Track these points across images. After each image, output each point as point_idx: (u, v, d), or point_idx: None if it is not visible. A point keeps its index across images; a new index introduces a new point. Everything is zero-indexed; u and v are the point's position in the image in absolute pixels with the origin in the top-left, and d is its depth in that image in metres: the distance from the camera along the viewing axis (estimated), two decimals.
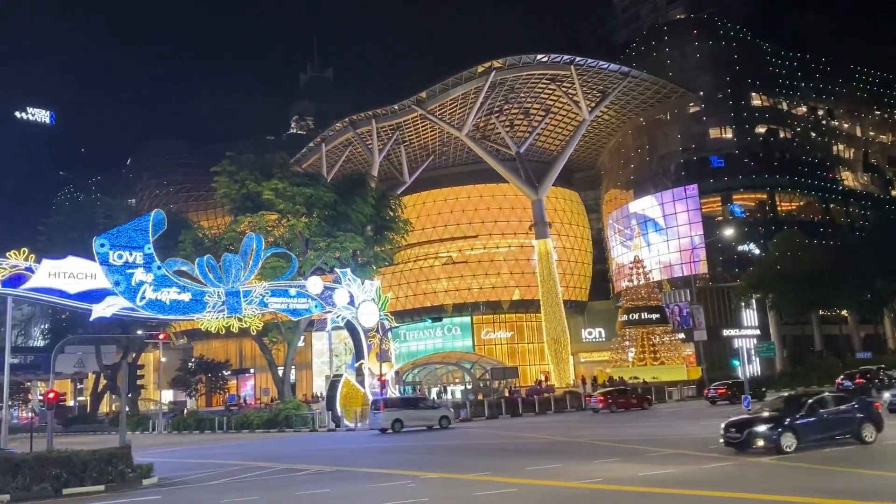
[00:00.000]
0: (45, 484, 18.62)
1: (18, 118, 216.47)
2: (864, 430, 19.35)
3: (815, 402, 19.63)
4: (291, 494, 16.72)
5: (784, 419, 18.94)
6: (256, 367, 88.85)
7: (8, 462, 18.64)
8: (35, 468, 18.66)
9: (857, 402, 20.23)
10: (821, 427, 19.13)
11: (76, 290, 30.65)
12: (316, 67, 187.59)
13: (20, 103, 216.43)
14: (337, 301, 40.46)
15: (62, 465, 18.94)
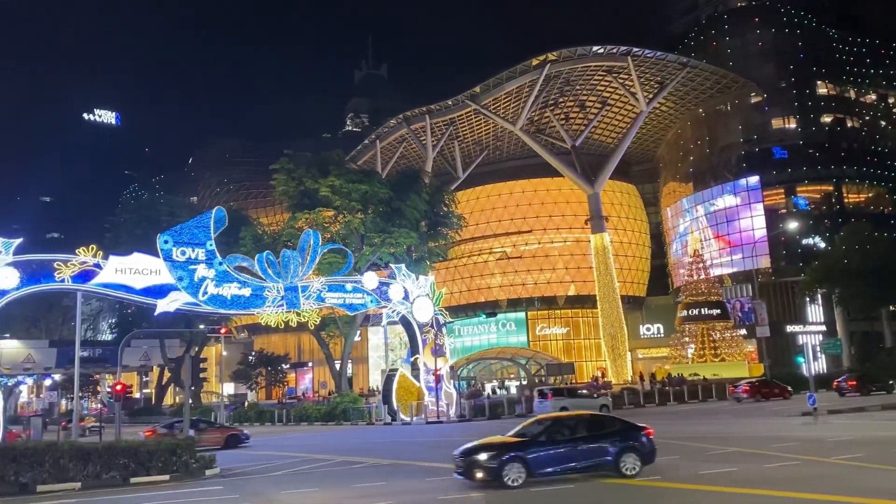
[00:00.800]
0: (113, 473, 19.31)
1: (86, 120, 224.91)
2: (624, 461, 15.87)
3: (554, 425, 16.54)
4: (349, 486, 16.92)
5: (512, 447, 15.89)
6: (314, 360, 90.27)
7: (79, 451, 19.37)
8: (104, 457, 19.36)
9: (620, 427, 16.82)
10: (563, 457, 15.83)
11: (141, 285, 31.53)
12: (370, 65, 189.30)
13: (88, 105, 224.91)
14: (392, 296, 40.74)
15: (130, 454, 19.59)
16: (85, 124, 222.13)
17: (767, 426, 27.27)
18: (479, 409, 42.76)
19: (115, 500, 16.78)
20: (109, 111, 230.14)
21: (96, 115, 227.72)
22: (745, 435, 24.05)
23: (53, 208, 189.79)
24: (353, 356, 72.91)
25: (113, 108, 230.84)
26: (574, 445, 16.08)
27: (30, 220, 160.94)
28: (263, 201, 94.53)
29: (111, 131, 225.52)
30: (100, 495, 17.63)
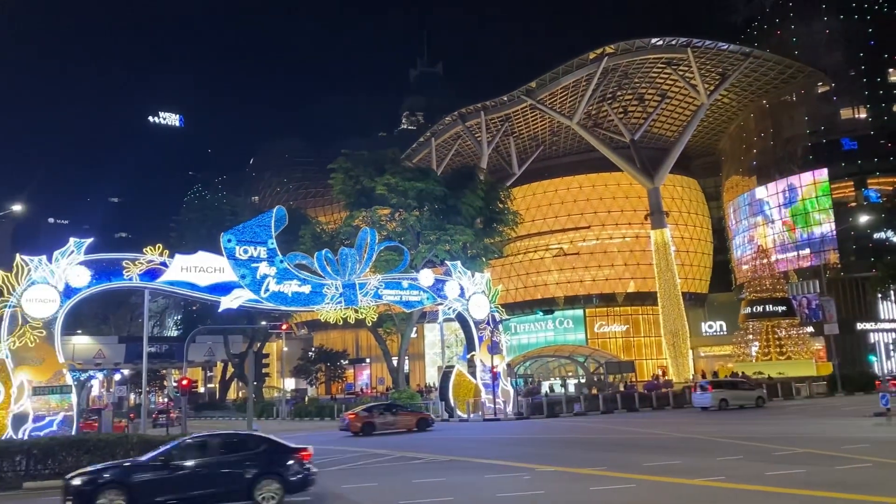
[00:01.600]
0: None
1: (152, 122, 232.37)
2: (260, 489, 13.87)
3: (179, 446, 14.57)
4: (408, 482, 17.06)
5: (114, 469, 14.04)
6: (372, 356, 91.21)
7: (147, 443, 20.02)
8: None
9: (265, 448, 14.73)
10: (182, 483, 13.76)
11: (206, 283, 32.37)
12: (425, 63, 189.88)
13: (153, 108, 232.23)
14: (448, 293, 40.83)
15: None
16: (150, 127, 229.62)
17: (837, 427, 26.38)
18: (537, 407, 42.51)
19: None
20: (174, 114, 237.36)
21: (161, 118, 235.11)
22: (813, 436, 23.30)
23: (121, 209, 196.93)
24: (410, 353, 73.40)
25: (177, 111, 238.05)
26: (200, 470, 13.98)
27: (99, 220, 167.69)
28: (322, 200, 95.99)
29: (175, 133, 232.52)
30: None
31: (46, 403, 27.07)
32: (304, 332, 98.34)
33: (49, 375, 27.50)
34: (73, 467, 19.15)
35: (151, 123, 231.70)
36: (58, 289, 28.46)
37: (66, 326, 30.98)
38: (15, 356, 27.12)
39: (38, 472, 19.05)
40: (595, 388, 55.65)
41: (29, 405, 26.70)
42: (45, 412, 26.91)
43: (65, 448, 19.38)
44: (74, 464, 19.19)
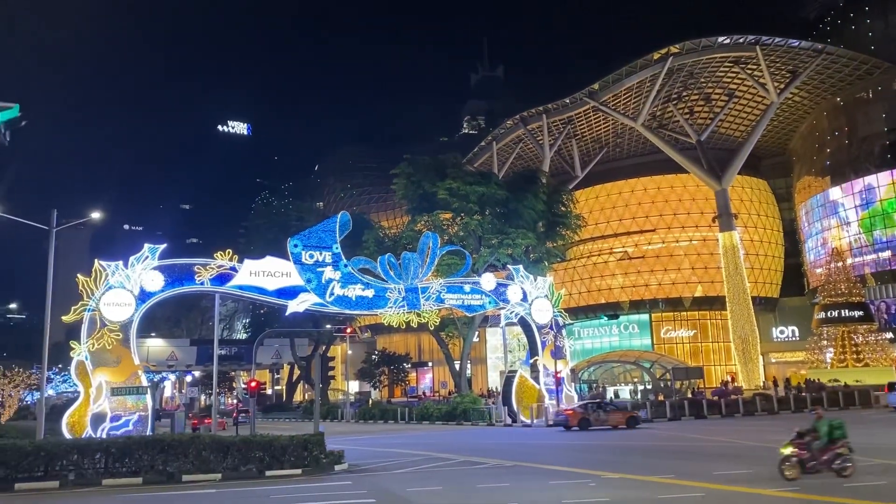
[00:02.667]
0: (250, 465, 20.40)
1: (221, 131, 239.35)
2: None
3: None
4: (472, 486, 17.04)
5: None
6: (434, 360, 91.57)
7: (219, 444, 20.58)
8: (242, 450, 20.49)
9: None
10: None
11: (273, 287, 33.10)
12: (486, 67, 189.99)
13: (222, 118, 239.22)
14: (510, 297, 40.67)
15: (265, 448, 20.63)
16: (220, 136, 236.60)
17: None
18: None
19: (254, 492, 17.66)
20: (242, 122, 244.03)
21: (230, 127, 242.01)
22: (892, 446, 22.25)
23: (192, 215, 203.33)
24: (472, 357, 73.35)
25: (245, 120, 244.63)
26: None
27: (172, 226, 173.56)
28: (384, 205, 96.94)
29: (243, 142, 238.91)
30: (239, 486, 18.65)
31: (123, 403, 28.12)
32: (367, 336, 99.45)
33: (125, 377, 28.56)
34: (148, 466, 19.89)
35: (221, 132, 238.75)
36: (133, 293, 29.55)
37: (141, 329, 32.09)
38: (93, 358, 28.27)
39: (116, 469, 19.80)
40: (661, 395, 54.51)
41: (107, 405, 27.79)
42: (121, 412, 27.96)
43: (141, 447, 20.08)
44: (150, 462, 19.90)
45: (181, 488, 18.66)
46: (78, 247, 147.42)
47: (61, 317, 30.49)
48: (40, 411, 30.36)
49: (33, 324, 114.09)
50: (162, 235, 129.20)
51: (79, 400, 28.35)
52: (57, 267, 28.30)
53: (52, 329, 28.10)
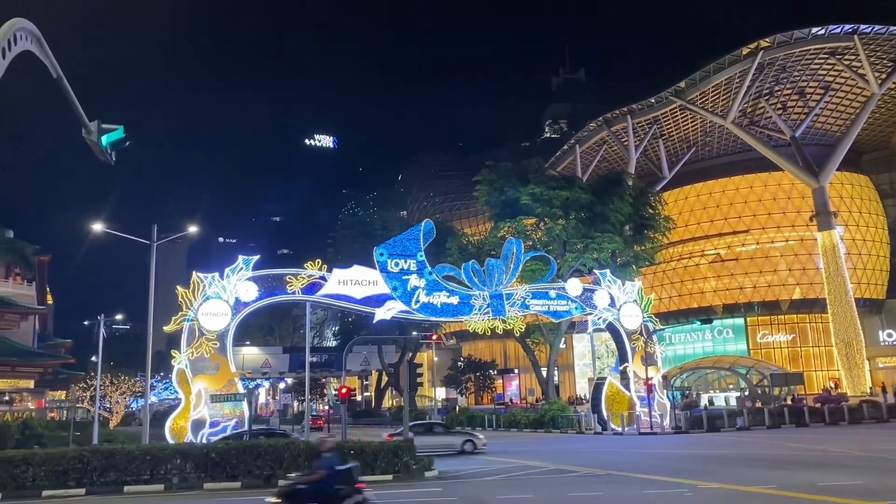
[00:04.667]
0: None
1: (307, 145, 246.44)
2: None
3: None
4: (564, 495, 16.77)
5: None
6: (520, 367, 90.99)
7: (312, 449, 21.01)
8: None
9: None
10: None
11: (360, 295, 33.68)
12: (567, 70, 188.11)
13: (309, 132, 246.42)
14: (597, 303, 39.95)
15: (357, 454, 20.94)
16: (307, 149, 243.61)
17: None
18: (697, 421, 40.44)
19: None
20: (327, 136, 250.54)
21: (316, 141, 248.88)
22: None
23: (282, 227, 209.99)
24: (559, 364, 72.55)
25: (330, 133, 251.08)
26: None
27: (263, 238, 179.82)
28: (467, 212, 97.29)
29: (329, 154, 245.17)
30: None
31: (221, 410, 29.19)
32: (452, 343, 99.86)
33: (223, 384, 29.63)
34: (245, 470, 20.52)
35: (307, 146, 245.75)
36: (229, 303, 30.65)
37: (237, 338, 33.25)
38: (193, 366, 29.47)
39: (216, 473, 20.52)
40: (759, 402, 52.31)
41: (206, 411, 28.91)
42: (219, 418, 29.02)
43: (239, 452, 20.75)
44: (247, 467, 20.53)
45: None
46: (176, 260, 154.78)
47: (163, 327, 32.02)
48: (145, 417, 31.92)
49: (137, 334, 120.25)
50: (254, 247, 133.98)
51: (180, 406, 29.59)
52: (157, 279, 29.68)
53: (154, 338, 29.50)
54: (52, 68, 9.26)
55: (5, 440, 29.93)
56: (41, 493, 19.03)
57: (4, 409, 54.62)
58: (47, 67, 9.21)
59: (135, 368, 67.13)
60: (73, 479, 19.52)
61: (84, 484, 19.51)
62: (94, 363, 53.31)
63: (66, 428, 39.45)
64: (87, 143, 10.75)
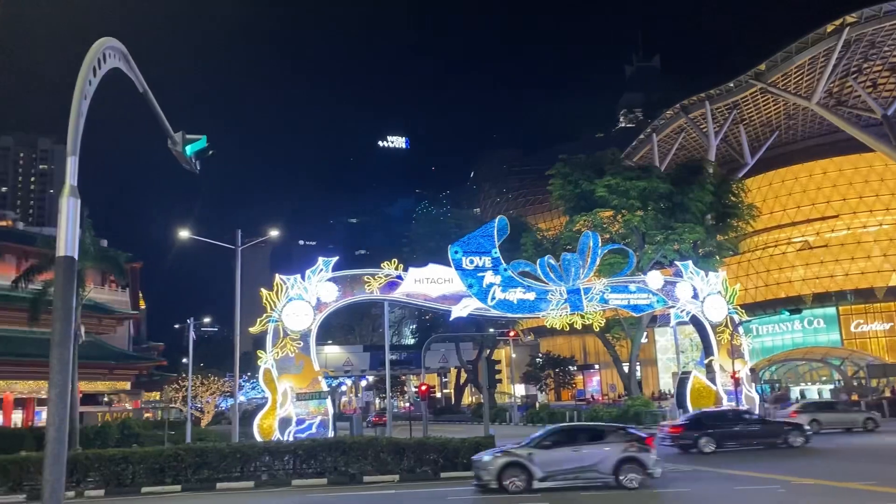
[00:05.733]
0: (425, 467, 20.95)
1: (381, 147, 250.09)
2: None
3: None
4: (648, 492, 16.43)
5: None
6: (601, 363, 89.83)
7: (395, 446, 21.33)
8: (417, 452, 21.10)
9: None
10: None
11: (436, 293, 33.84)
12: (641, 58, 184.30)
13: (382, 134, 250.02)
14: (679, 295, 38.88)
15: (438, 450, 21.12)
16: (380, 151, 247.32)
17: None
18: None
19: (432, 493, 18.09)
20: (400, 137, 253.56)
21: (389, 142, 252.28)
22: None
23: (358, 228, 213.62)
24: (641, 358, 71.12)
25: (402, 134, 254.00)
26: None
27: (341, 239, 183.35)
28: (540, 207, 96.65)
29: (402, 155, 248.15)
30: (416, 487, 19.19)
31: (306, 408, 29.91)
32: (530, 339, 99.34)
33: (308, 382, 30.34)
34: (331, 467, 20.98)
35: (381, 148, 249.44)
36: (311, 303, 31.36)
37: (319, 337, 33.96)
38: (278, 365, 30.29)
39: (303, 470, 21.06)
40: (855, 394, 49.93)
41: (292, 410, 29.67)
42: (305, 416, 29.74)
43: (325, 449, 21.24)
44: (332, 464, 20.99)
45: (364, 489, 19.50)
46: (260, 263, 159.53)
47: (248, 328, 33.04)
48: (234, 416, 33.08)
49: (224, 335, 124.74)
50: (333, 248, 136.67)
51: (267, 405, 30.46)
52: (242, 282, 30.73)
53: (240, 339, 30.51)
54: (138, 83, 9.68)
55: (106, 439, 31.60)
56: (140, 490, 19.97)
57: (104, 409, 57.60)
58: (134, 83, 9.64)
59: (223, 369, 69.64)
60: (170, 476, 20.41)
61: (179, 481, 20.37)
62: (185, 365, 55.59)
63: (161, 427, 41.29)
64: (172, 153, 11.21)
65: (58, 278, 7.56)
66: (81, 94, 7.94)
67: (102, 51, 8.42)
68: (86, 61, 8.13)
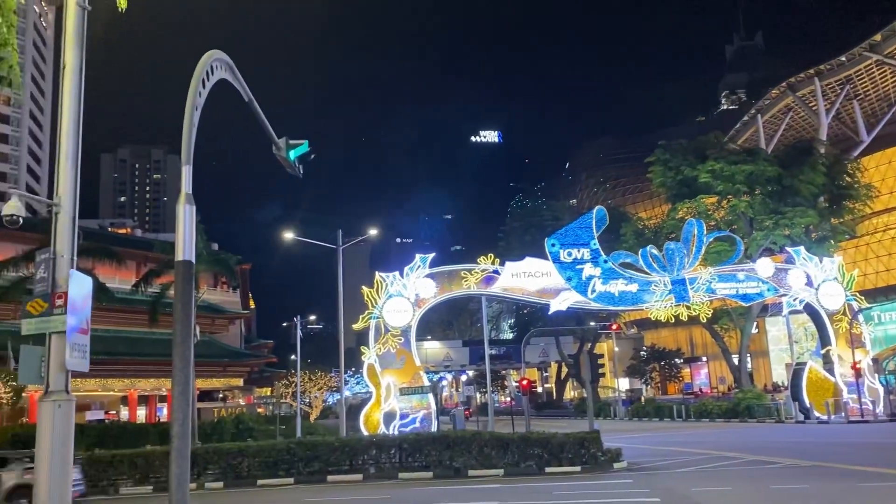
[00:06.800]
0: (529, 462, 20.87)
1: (474, 142, 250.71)
2: None
3: None
4: (765, 488, 15.75)
5: None
6: (709, 354, 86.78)
7: (498, 441, 21.36)
8: (521, 447, 21.05)
9: None
10: None
11: (534, 287, 33.67)
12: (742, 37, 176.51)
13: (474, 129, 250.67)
14: (791, 283, 37.08)
15: (542, 445, 20.99)
16: (473, 146, 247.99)
17: None
18: None
19: (536, 487, 18.00)
20: (492, 131, 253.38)
21: (481, 137, 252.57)
22: None
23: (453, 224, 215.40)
24: (751, 349, 68.21)
25: (495, 128, 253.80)
26: None
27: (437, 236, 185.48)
28: (640, 196, 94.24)
29: (495, 149, 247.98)
30: (520, 482, 19.14)
31: (409, 402, 30.42)
32: (633, 332, 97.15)
33: (409, 377, 30.86)
34: (436, 461, 21.23)
35: (474, 143, 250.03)
36: (410, 300, 31.86)
37: (418, 333, 34.43)
38: (381, 361, 30.95)
39: (409, 464, 21.43)
40: None
41: (396, 404, 30.25)
42: (408, 410, 30.26)
43: (430, 443, 21.53)
44: (437, 457, 21.24)
45: (469, 482, 19.63)
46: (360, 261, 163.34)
47: (351, 325, 33.89)
48: (341, 410, 34.05)
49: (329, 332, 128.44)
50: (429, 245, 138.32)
51: (371, 400, 31.19)
52: (344, 280, 31.58)
53: (344, 336, 31.36)
54: (244, 93, 10.07)
55: (222, 434, 33.19)
56: (256, 482, 20.86)
57: (219, 405, 60.50)
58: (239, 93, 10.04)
59: (329, 365, 71.71)
60: (283, 470, 21.22)
61: (292, 474, 21.14)
62: (293, 361, 57.61)
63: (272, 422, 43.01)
64: (277, 158, 11.62)
65: (177, 281, 7.98)
66: (193, 105, 8.35)
67: (210, 63, 8.82)
68: (195, 74, 8.54)
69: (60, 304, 7.89)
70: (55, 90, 49.53)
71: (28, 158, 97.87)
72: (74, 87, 8.39)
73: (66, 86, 8.39)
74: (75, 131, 8.37)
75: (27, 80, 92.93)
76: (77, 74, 8.40)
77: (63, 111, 8.36)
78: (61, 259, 8.09)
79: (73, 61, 8.41)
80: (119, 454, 21.57)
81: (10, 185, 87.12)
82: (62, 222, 8.21)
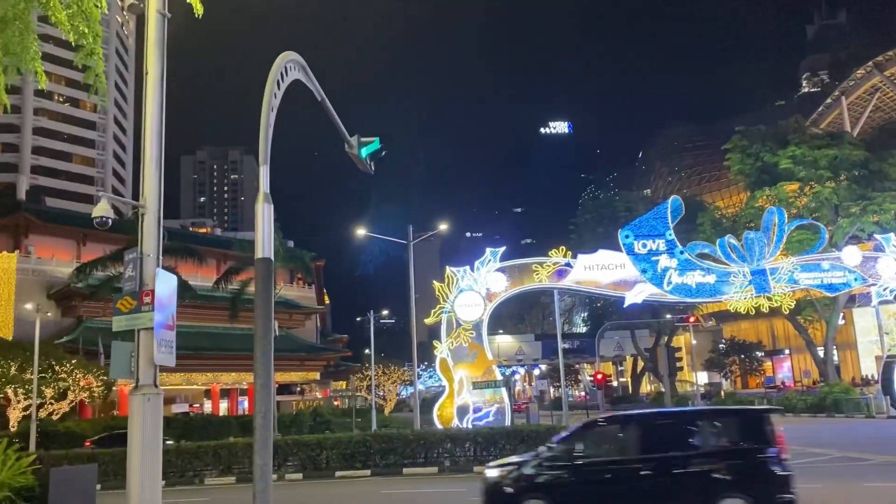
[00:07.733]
0: None
1: (543, 134, 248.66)
2: None
3: None
4: (858, 485, 15.11)
5: None
6: (791, 347, 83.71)
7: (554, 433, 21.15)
8: None
9: None
10: None
11: (608, 279, 33.11)
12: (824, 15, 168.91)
13: (544, 121, 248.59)
14: (881, 271, 35.26)
15: None
16: (543, 138, 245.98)
17: None
18: None
19: None
20: (562, 122, 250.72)
21: (551, 128, 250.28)
22: None
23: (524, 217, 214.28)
24: (838, 341, 65.33)
25: (565, 119, 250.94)
26: None
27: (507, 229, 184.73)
28: (717, 184, 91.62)
29: (565, 140, 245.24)
30: None
31: (482, 396, 30.46)
32: (711, 324, 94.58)
33: (482, 371, 30.88)
34: (510, 454, 21.17)
35: (543, 135, 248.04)
36: (481, 294, 31.84)
37: (490, 327, 34.43)
38: (453, 355, 31.08)
39: (483, 457, 21.44)
40: None
41: (468, 398, 30.33)
42: (481, 404, 30.31)
43: (503, 437, 21.51)
44: (511, 451, 21.17)
45: None
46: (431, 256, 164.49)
47: (423, 320, 34.18)
48: (415, 404, 34.40)
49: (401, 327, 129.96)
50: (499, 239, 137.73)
51: (444, 393, 31.37)
52: (415, 274, 31.88)
53: (416, 330, 31.66)
54: (316, 92, 10.26)
55: (300, 426, 34.08)
56: (335, 474, 21.29)
57: (297, 398, 62.03)
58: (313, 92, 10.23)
59: (402, 359, 72.58)
60: (360, 461, 21.59)
61: (368, 466, 21.49)
62: (367, 355, 58.57)
63: (348, 415, 43.82)
64: (349, 156, 11.80)
65: (257, 278, 8.21)
66: (269, 106, 8.57)
67: (284, 65, 9.03)
68: (271, 75, 8.75)
69: (148, 302, 8.23)
70: (137, 95, 51.73)
71: (113, 162, 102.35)
72: (157, 93, 8.71)
73: (150, 92, 8.73)
74: (158, 136, 8.69)
75: (111, 87, 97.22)
76: (158, 81, 8.72)
77: (146, 117, 8.69)
78: (148, 258, 8.43)
79: (154, 68, 8.72)
80: (204, 445, 22.38)
81: (98, 188, 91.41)
82: (148, 223, 8.54)
